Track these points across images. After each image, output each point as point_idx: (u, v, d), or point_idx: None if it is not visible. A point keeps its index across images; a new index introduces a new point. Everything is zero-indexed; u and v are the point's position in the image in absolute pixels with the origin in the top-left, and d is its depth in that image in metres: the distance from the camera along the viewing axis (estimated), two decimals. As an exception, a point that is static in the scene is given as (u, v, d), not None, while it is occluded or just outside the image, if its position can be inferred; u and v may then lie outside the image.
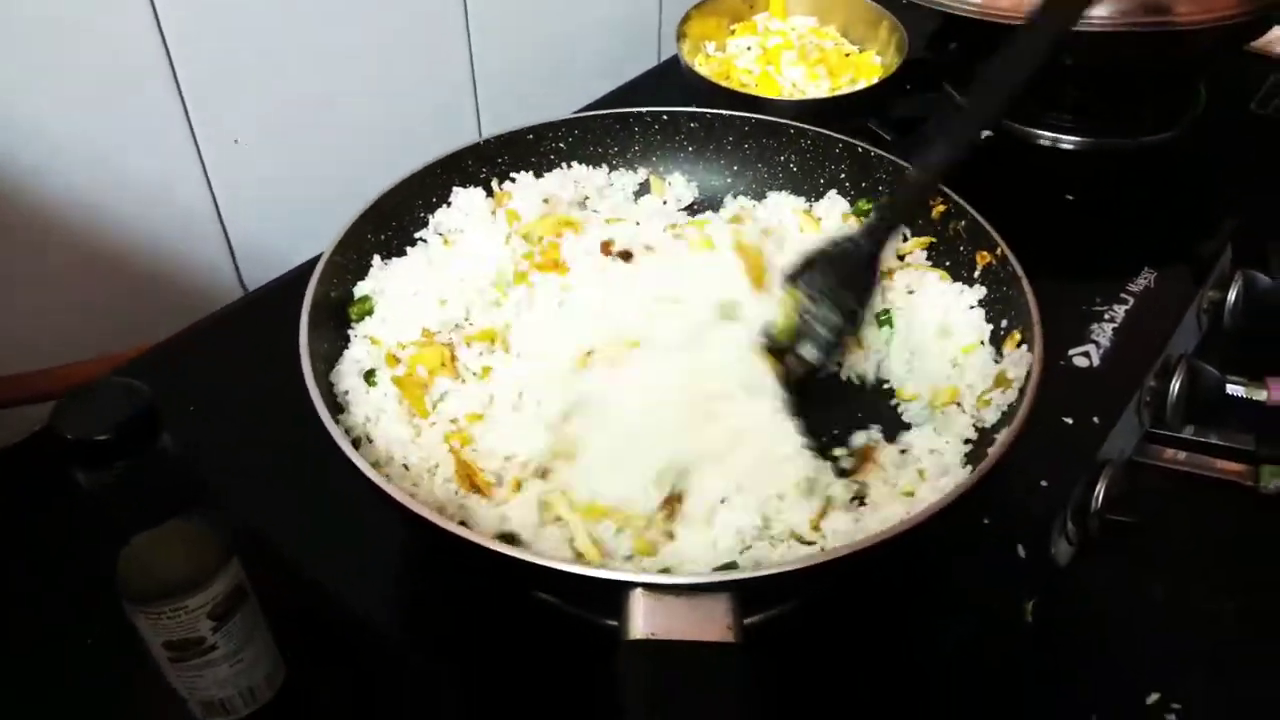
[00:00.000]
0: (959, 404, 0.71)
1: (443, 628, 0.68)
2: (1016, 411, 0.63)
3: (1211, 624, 0.84)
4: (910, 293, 0.78)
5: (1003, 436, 0.60)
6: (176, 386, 0.82)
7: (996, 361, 0.72)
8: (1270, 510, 0.91)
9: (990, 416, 0.68)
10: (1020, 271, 0.72)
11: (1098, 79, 1.09)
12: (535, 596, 0.66)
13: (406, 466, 0.62)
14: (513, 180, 0.83)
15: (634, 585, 0.50)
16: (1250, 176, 1.11)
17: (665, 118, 0.87)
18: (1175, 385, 0.91)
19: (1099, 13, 0.95)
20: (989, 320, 0.74)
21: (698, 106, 0.99)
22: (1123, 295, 0.93)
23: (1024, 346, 0.69)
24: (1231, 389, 0.96)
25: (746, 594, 0.51)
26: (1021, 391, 0.65)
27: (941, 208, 0.79)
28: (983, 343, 0.73)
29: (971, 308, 0.75)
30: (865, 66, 1.07)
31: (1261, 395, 0.99)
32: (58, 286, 0.84)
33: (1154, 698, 0.78)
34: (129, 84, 0.82)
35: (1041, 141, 1.08)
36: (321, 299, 0.65)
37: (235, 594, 0.59)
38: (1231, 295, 1.01)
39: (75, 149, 0.80)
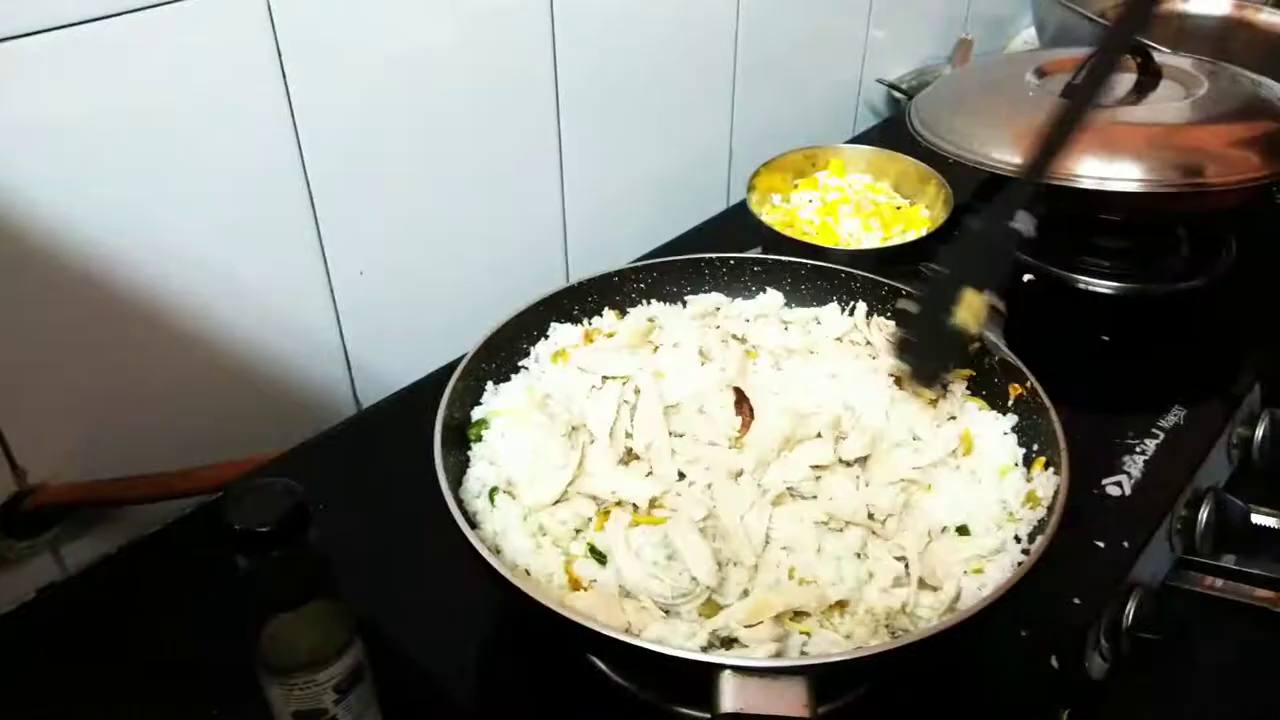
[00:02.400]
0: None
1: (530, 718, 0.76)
2: (1050, 520, 0.70)
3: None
4: (952, 419, 0.85)
5: (1037, 545, 0.68)
6: (329, 476, 0.92)
7: (1028, 482, 0.79)
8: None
9: (1023, 529, 0.75)
10: (1048, 402, 0.79)
11: (1133, 231, 1.17)
12: (617, 684, 0.74)
13: (529, 572, 0.71)
14: (601, 316, 0.94)
15: (724, 667, 0.58)
16: (1278, 321, 1.19)
17: (732, 262, 0.97)
18: (1203, 514, 0.97)
19: (1135, 174, 1.03)
20: (1021, 444, 0.82)
21: (763, 250, 1.10)
22: (1154, 430, 1.00)
23: (1050, 469, 0.77)
24: (1257, 519, 1.02)
25: (821, 676, 0.59)
26: (1050, 508, 0.72)
27: (976, 344, 0.87)
28: (1016, 464, 0.80)
29: (1005, 434, 0.83)
30: (914, 219, 1.17)
31: (1288, 525, 1.05)
32: (198, 397, 0.93)
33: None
34: (275, 220, 0.92)
35: (1080, 285, 1.15)
36: (446, 420, 0.75)
37: (356, 671, 0.66)
38: (1259, 433, 1.07)
39: (219, 275, 0.89)
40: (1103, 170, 1.04)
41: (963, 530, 0.75)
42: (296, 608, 0.65)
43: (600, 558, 0.70)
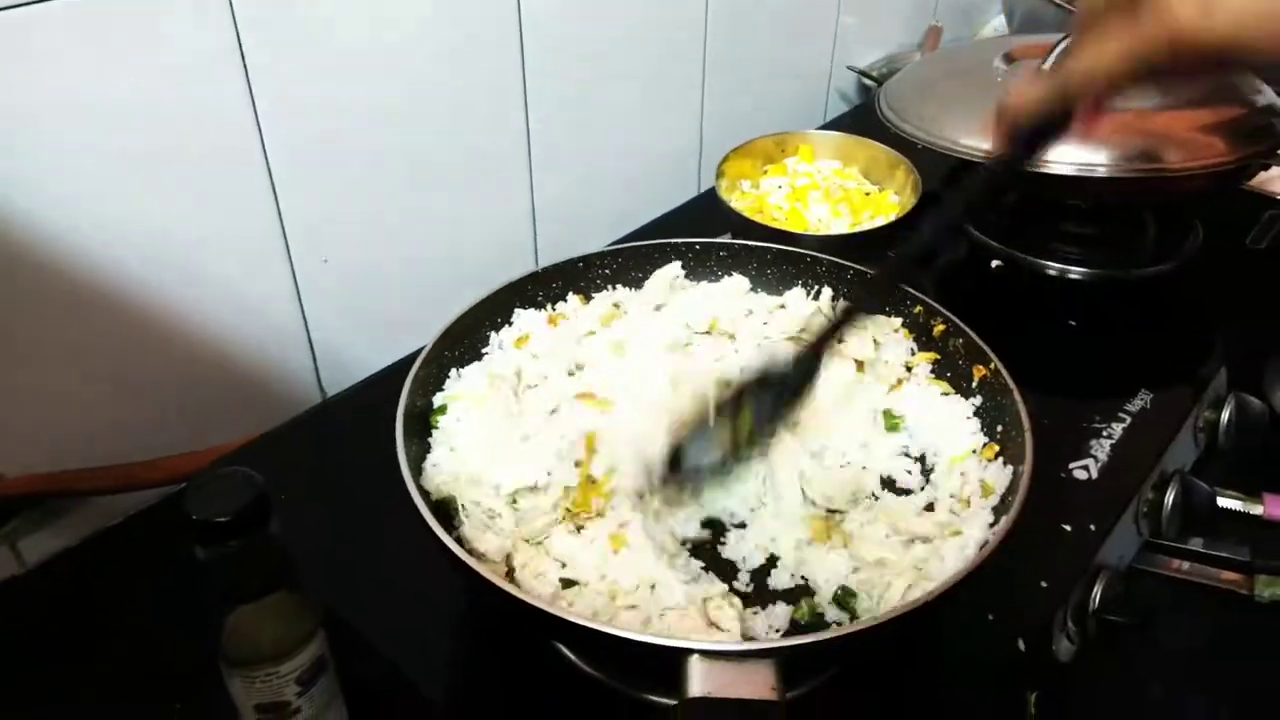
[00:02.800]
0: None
1: (498, 707, 0.76)
2: (1013, 502, 0.70)
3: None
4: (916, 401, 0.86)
5: (1000, 525, 0.68)
6: (266, 479, 0.91)
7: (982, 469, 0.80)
8: (1265, 618, 0.97)
9: (985, 517, 0.75)
10: (1011, 383, 0.79)
11: (1100, 217, 1.17)
12: (585, 672, 0.74)
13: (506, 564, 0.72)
14: (565, 301, 0.93)
15: (692, 651, 0.58)
16: (1244, 306, 1.19)
17: (698, 246, 0.97)
18: (1170, 498, 0.97)
19: (1100, 159, 1.03)
20: (984, 430, 0.82)
21: (732, 236, 1.10)
22: (1120, 414, 1.01)
23: (1000, 460, 0.78)
24: (1224, 502, 1.03)
25: (787, 660, 0.59)
26: (1013, 489, 0.72)
27: (941, 327, 0.87)
28: (974, 451, 0.81)
29: (968, 418, 0.83)
30: (883, 205, 1.17)
31: (1258, 509, 1.05)
32: (161, 387, 0.92)
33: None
34: (236, 208, 0.91)
35: (1049, 272, 1.15)
36: (408, 409, 0.75)
37: (319, 663, 0.66)
38: (1225, 416, 1.08)
39: (179, 264, 0.88)
40: (1071, 156, 1.04)
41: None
42: (257, 599, 0.64)
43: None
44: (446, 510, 0.74)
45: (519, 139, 1.14)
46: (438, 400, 0.81)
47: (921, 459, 0.83)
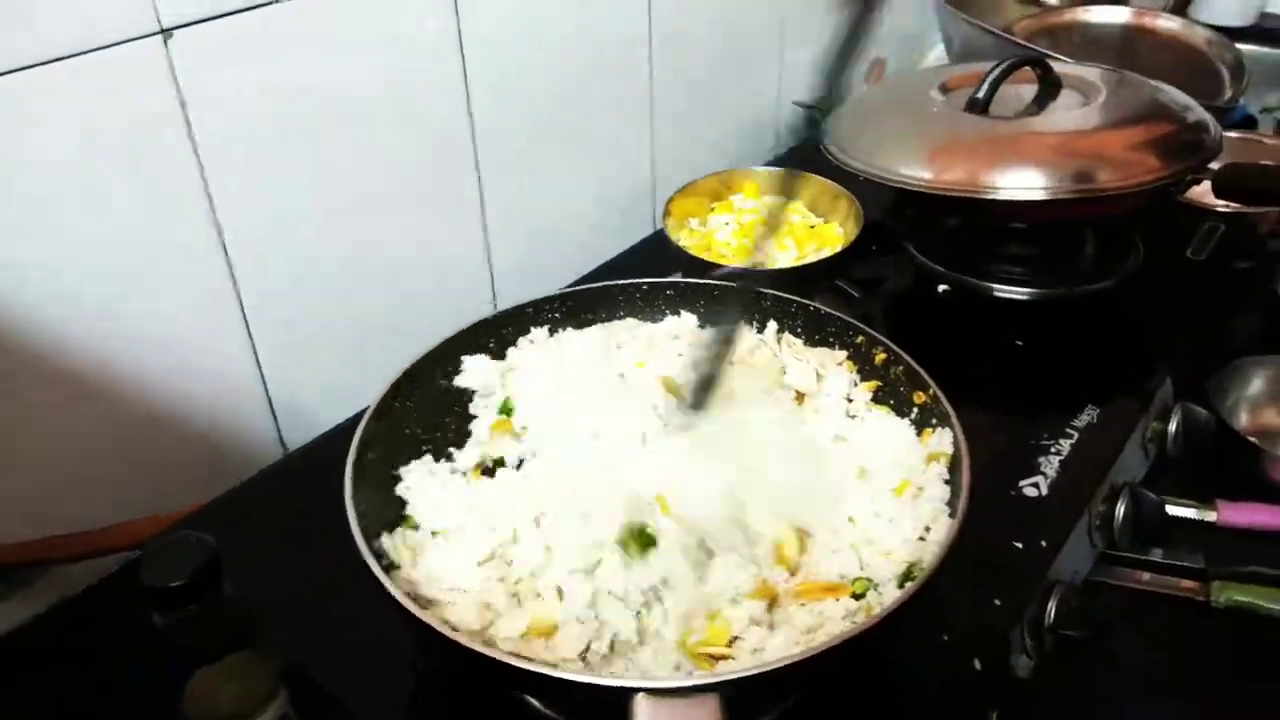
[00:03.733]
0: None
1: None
2: (954, 521, 0.72)
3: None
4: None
5: (942, 539, 0.70)
6: (226, 540, 0.91)
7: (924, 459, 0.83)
8: (1222, 623, 0.99)
9: (934, 542, 0.76)
10: (949, 408, 0.81)
11: (1042, 238, 1.20)
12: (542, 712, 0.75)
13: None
14: (516, 347, 0.95)
15: (637, 690, 0.59)
16: (1187, 318, 1.22)
17: (645, 287, 0.99)
18: (1120, 509, 1.00)
19: (1038, 183, 1.05)
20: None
21: (682, 274, 1.12)
22: (1068, 430, 1.02)
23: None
24: (1174, 510, 1.05)
25: (733, 693, 0.59)
26: (952, 511, 0.74)
27: (883, 355, 0.89)
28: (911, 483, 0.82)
29: (911, 442, 0.85)
30: (829, 236, 1.20)
31: (1211, 516, 1.07)
32: (115, 451, 0.92)
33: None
34: (182, 262, 0.91)
35: (994, 293, 1.16)
36: (357, 469, 0.76)
37: None
38: (1172, 426, 1.10)
39: (124, 322, 0.88)
40: (1006, 180, 1.07)
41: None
42: (215, 661, 0.65)
43: None
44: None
45: (470, 186, 1.16)
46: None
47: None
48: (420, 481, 0.81)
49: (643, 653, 0.68)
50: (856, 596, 0.73)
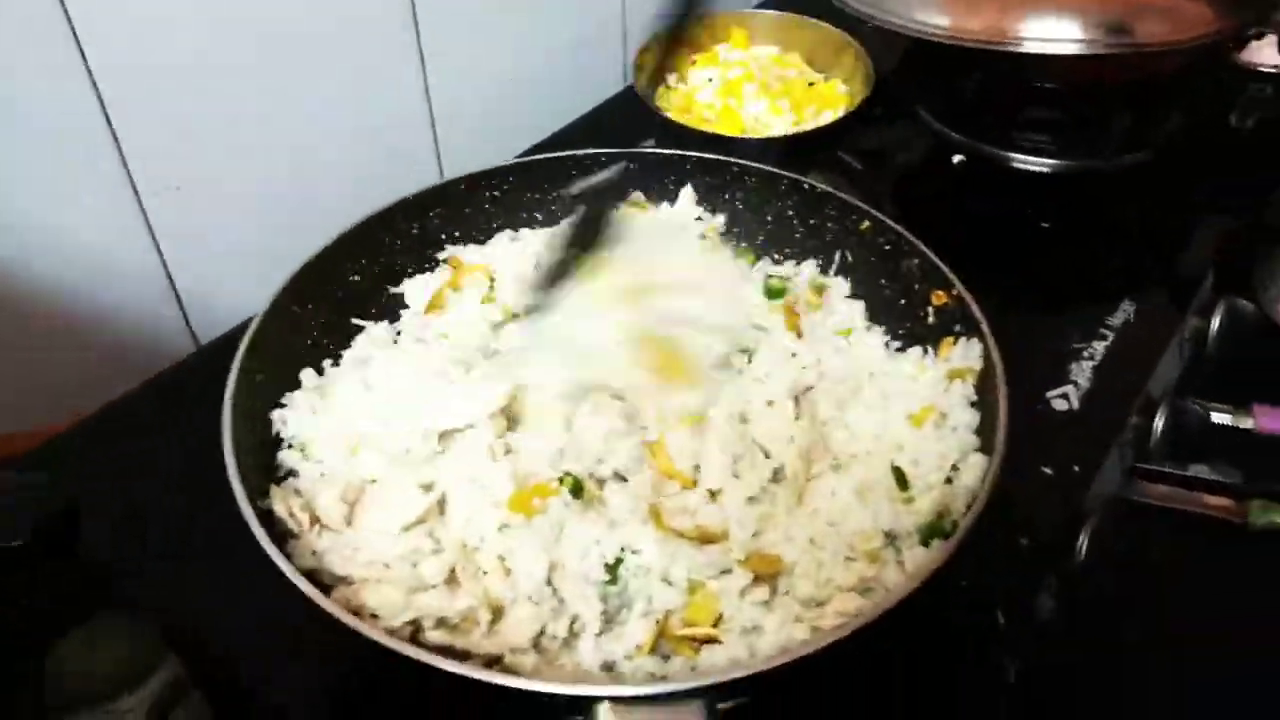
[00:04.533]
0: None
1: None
2: (987, 477, 0.59)
3: (1199, 669, 0.82)
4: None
5: (963, 524, 0.58)
6: (125, 450, 0.79)
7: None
8: (1259, 546, 0.89)
9: (964, 486, 0.64)
10: (978, 313, 0.69)
11: (1070, 100, 1.06)
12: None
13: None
14: (444, 250, 0.81)
15: (600, 700, 0.47)
16: (1230, 195, 1.09)
17: (604, 159, 0.83)
18: (1159, 423, 0.88)
19: (1069, 34, 0.93)
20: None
21: (655, 142, 0.95)
22: (1102, 331, 0.90)
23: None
24: (1217, 418, 0.94)
25: (719, 696, 0.48)
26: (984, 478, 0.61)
27: (892, 246, 0.76)
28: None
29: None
30: (830, 96, 1.03)
31: (1249, 424, 0.96)
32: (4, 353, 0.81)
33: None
34: (62, 141, 0.79)
35: (1015, 164, 1.04)
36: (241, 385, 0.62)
37: (174, 691, 0.55)
38: (1215, 323, 0.98)
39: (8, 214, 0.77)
40: (1037, 31, 0.94)
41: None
42: (75, 628, 0.53)
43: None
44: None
45: (407, 33, 0.99)
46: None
47: None
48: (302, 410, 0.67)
49: (611, 637, 0.55)
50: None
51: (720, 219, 0.84)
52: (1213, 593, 0.86)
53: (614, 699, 0.47)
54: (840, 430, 0.68)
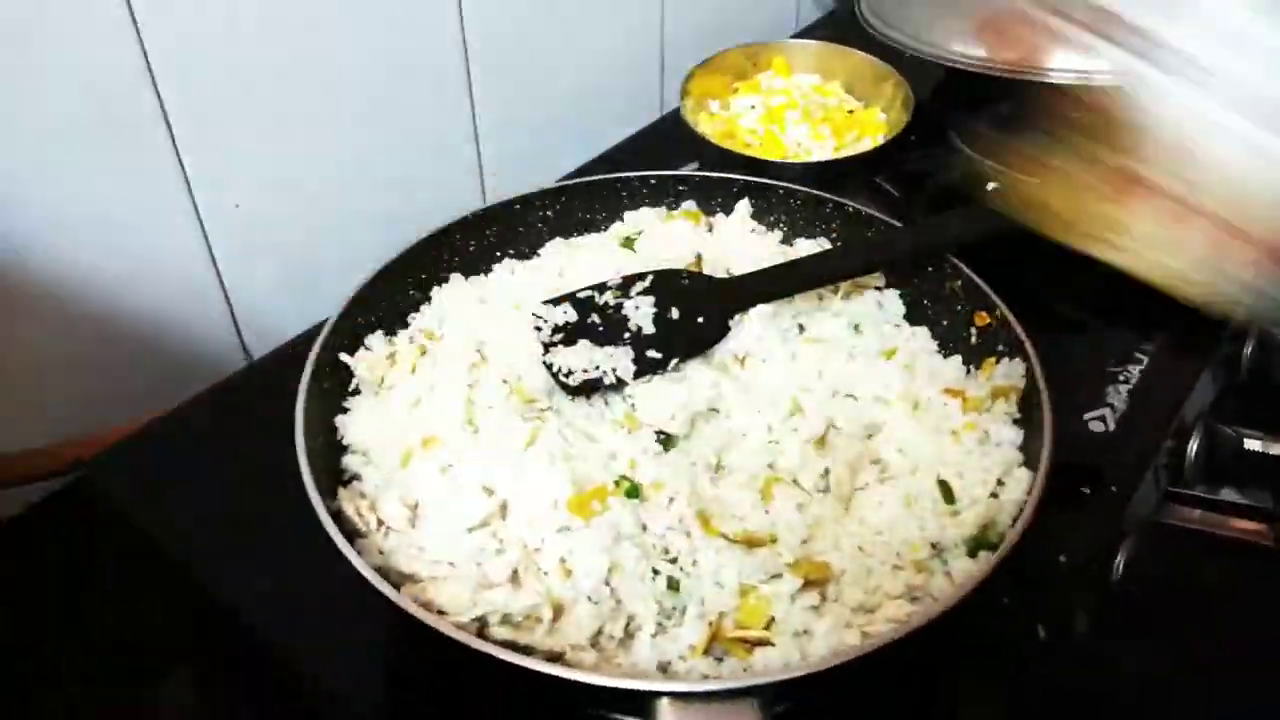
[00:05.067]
0: None
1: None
2: (1032, 492, 0.61)
3: (1234, 689, 0.82)
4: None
5: (1011, 534, 0.60)
6: (177, 460, 0.81)
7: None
8: (1293, 571, 0.89)
9: (1009, 500, 0.65)
10: (1022, 334, 0.70)
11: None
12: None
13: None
14: (500, 262, 0.83)
15: (660, 695, 0.49)
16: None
17: (654, 181, 0.86)
18: (1193, 446, 0.89)
19: (1104, 65, 0.93)
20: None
21: (699, 165, 0.97)
22: (1137, 355, 0.91)
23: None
24: (1249, 444, 0.94)
25: (773, 696, 0.50)
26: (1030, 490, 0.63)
27: (936, 268, 0.78)
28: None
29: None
30: (870, 124, 1.05)
31: (1278, 449, 0.97)
32: (59, 364, 0.83)
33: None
34: (128, 155, 0.80)
35: None
36: (316, 384, 0.64)
37: None
38: (1247, 350, 0.99)
39: (67, 222, 0.79)
40: (1071, 64, 0.94)
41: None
42: None
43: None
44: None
45: (456, 59, 1.01)
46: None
47: None
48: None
49: (666, 638, 0.56)
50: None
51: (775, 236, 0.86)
52: (1244, 616, 0.87)
53: (673, 695, 0.48)
54: (886, 443, 0.69)
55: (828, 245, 0.84)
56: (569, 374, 0.69)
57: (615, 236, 0.84)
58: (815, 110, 1.06)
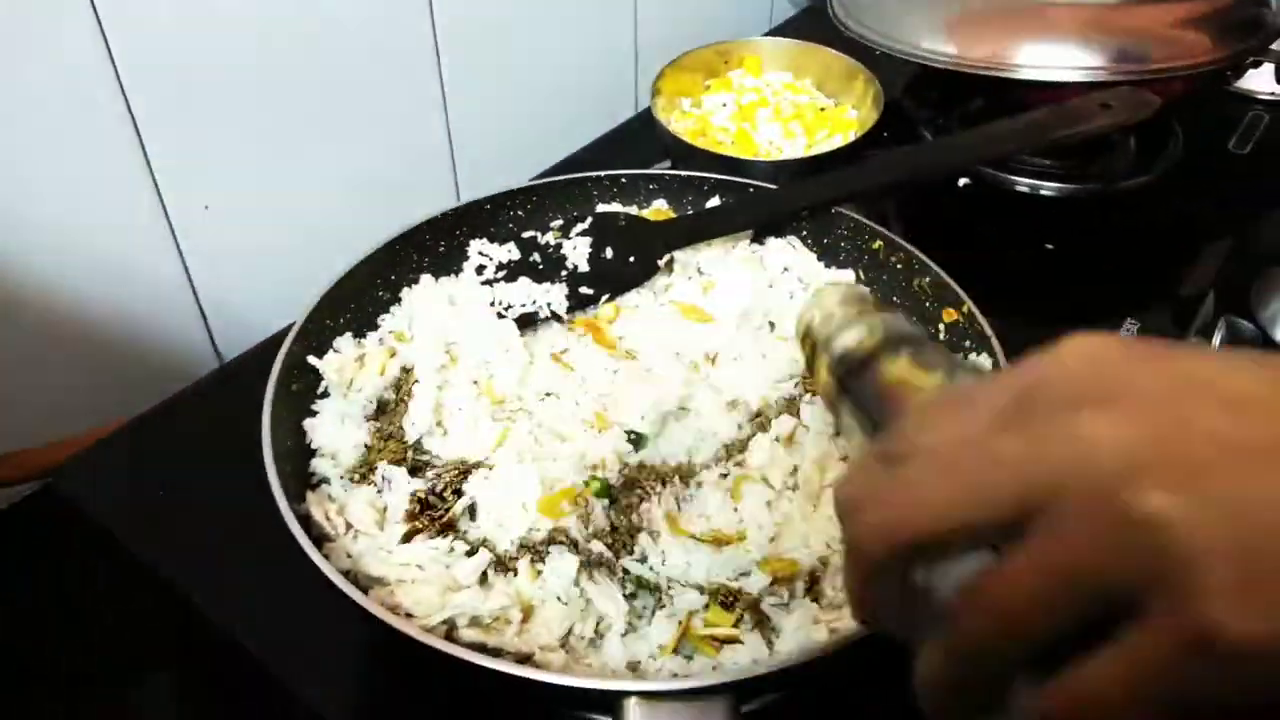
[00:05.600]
0: None
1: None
2: None
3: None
4: None
5: None
6: (147, 464, 0.80)
7: None
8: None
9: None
10: (988, 330, 0.70)
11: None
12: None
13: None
14: (468, 259, 0.83)
15: (629, 694, 0.48)
16: (1230, 218, 1.10)
17: (624, 180, 0.86)
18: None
19: (1073, 62, 0.94)
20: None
21: (671, 164, 0.98)
22: (1104, 350, 0.91)
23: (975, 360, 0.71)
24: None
25: (745, 693, 0.50)
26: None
27: (904, 265, 0.78)
28: None
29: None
30: (841, 121, 1.05)
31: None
32: (27, 368, 0.82)
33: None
34: (96, 159, 0.80)
35: (1019, 188, 1.05)
36: (284, 388, 0.64)
37: None
38: (1216, 341, 0.99)
39: (39, 225, 0.78)
40: (1038, 58, 0.95)
41: None
42: None
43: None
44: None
45: (428, 59, 1.00)
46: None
47: None
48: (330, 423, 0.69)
49: (636, 637, 0.57)
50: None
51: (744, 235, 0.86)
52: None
53: (641, 694, 0.48)
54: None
55: (798, 244, 0.84)
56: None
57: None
58: (786, 108, 1.06)
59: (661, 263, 0.79)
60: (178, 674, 0.71)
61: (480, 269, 0.80)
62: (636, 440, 0.67)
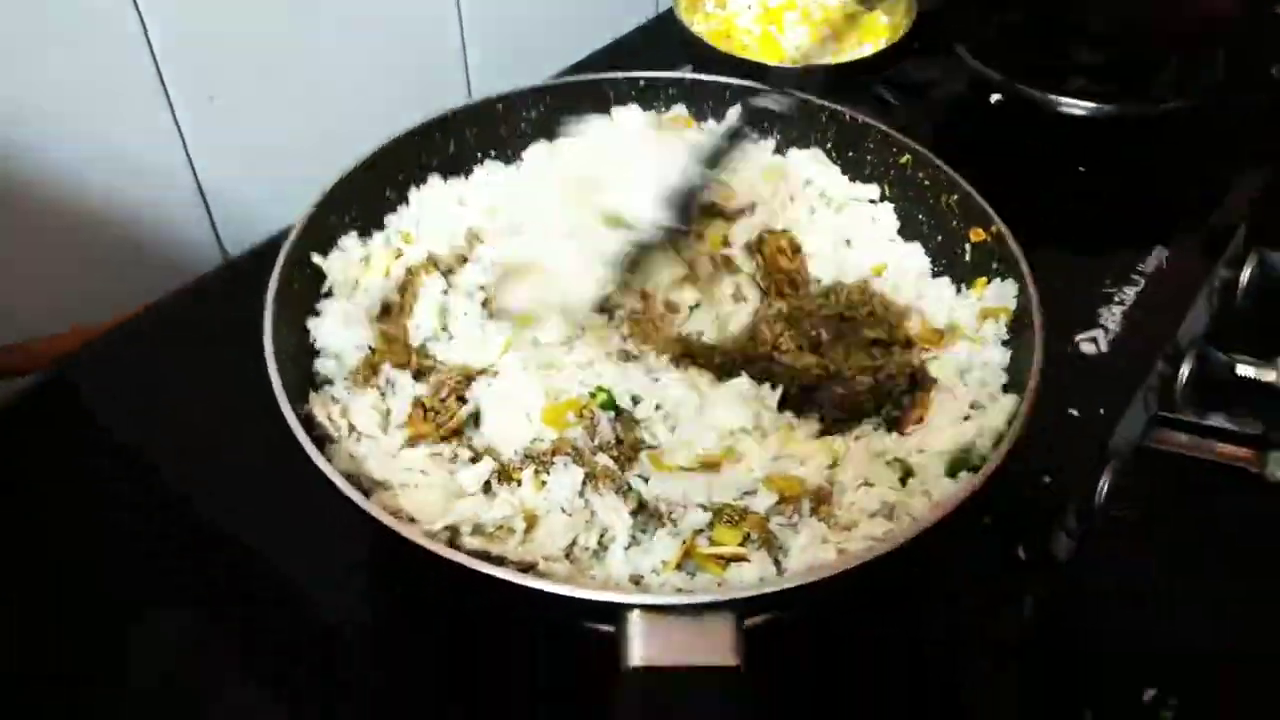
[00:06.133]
0: None
1: (410, 638, 0.65)
2: (1018, 411, 0.60)
3: (1213, 616, 0.82)
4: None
5: (1002, 418, 0.61)
6: (151, 359, 0.79)
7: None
8: (1277, 498, 0.88)
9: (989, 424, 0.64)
10: (1018, 253, 0.68)
11: (1114, 42, 1.03)
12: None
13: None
14: (481, 165, 0.80)
15: (631, 607, 0.48)
16: (1268, 146, 1.06)
17: (642, 83, 0.82)
18: (1184, 372, 0.87)
19: None
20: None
21: (693, 68, 0.94)
22: (1133, 276, 0.89)
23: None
24: (1241, 370, 0.93)
25: (749, 610, 0.49)
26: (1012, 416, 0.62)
27: (931, 181, 0.75)
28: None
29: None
30: (872, 28, 1.01)
31: (1271, 376, 0.95)
32: (32, 259, 0.81)
33: (1150, 694, 0.76)
34: (101, 48, 0.77)
35: (1056, 107, 1.01)
36: (287, 286, 0.62)
37: None
38: (1245, 275, 0.97)
39: (43, 117, 0.76)
40: None
41: None
42: None
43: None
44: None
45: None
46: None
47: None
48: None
49: (640, 551, 0.56)
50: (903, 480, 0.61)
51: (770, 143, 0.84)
52: (1226, 541, 0.87)
53: (645, 607, 0.47)
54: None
55: (822, 155, 0.81)
56: None
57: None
58: (815, 11, 1.01)
59: None
60: (180, 574, 0.70)
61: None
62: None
